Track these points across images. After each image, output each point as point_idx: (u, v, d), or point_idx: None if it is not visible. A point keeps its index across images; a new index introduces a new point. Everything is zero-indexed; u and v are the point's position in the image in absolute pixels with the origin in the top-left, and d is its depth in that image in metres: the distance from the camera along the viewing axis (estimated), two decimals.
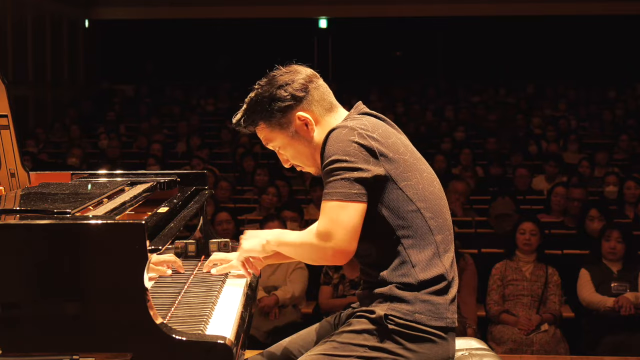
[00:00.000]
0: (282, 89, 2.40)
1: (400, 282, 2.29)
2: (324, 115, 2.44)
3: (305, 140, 2.43)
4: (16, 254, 2.01)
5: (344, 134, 2.29)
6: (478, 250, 6.03)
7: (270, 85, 2.42)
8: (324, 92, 2.45)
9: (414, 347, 2.28)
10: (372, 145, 2.27)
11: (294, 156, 2.48)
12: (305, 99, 2.41)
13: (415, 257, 2.30)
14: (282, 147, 2.47)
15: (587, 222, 6.34)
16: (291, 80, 2.41)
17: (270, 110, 2.41)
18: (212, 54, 16.60)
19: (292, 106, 2.40)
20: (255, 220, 6.76)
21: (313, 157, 2.45)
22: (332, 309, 5.10)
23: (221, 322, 2.30)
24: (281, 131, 2.43)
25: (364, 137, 2.28)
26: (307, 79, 2.43)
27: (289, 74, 2.43)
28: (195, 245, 3.11)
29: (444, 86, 14.81)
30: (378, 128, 2.34)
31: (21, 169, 3.06)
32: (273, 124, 2.43)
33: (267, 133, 2.45)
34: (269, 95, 2.41)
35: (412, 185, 2.31)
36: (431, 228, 2.33)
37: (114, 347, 2.01)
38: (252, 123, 2.46)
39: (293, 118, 2.41)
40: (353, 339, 2.31)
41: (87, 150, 10.74)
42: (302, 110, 2.41)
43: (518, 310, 5.30)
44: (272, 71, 2.47)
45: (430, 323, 2.29)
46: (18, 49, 12.87)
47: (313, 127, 2.42)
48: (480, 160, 9.90)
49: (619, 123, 11.99)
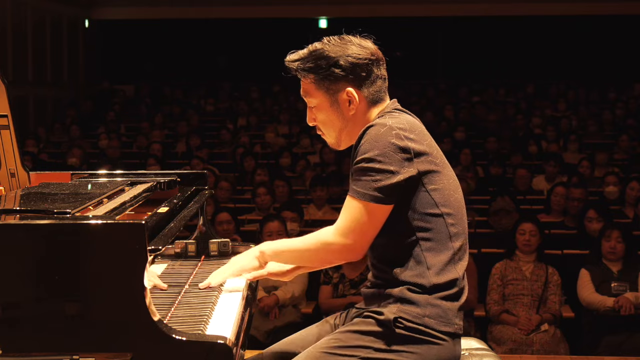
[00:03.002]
0: (349, 59, 2.35)
1: (413, 282, 2.29)
2: (369, 102, 2.40)
3: (341, 114, 2.40)
4: (16, 254, 2.01)
5: (382, 133, 2.27)
6: (478, 250, 6.03)
7: (340, 49, 2.36)
8: (382, 82, 2.41)
9: (419, 350, 2.28)
10: (408, 146, 2.26)
11: (323, 121, 2.44)
12: (363, 80, 2.37)
13: (432, 260, 2.30)
14: (317, 108, 2.43)
15: (586, 222, 6.34)
16: (360, 56, 2.36)
17: (327, 72, 2.36)
18: (212, 54, 16.59)
19: (348, 80, 2.36)
20: (255, 220, 6.76)
21: (340, 132, 2.43)
22: (332, 308, 5.10)
23: (221, 322, 2.30)
24: (325, 94, 2.39)
25: (401, 137, 2.26)
26: (374, 62, 2.39)
27: (361, 48, 2.38)
28: (195, 245, 3.10)
29: (444, 86, 14.80)
30: (415, 128, 2.32)
31: (21, 169, 3.06)
32: (321, 85, 2.38)
33: (311, 88, 2.41)
34: (333, 58, 2.35)
35: (439, 190, 2.31)
36: (451, 234, 2.32)
37: (114, 347, 2.01)
38: (304, 71, 2.40)
39: (343, 90, 2.37)
40: (358, 339, 2.31)
41: (87, 150, 10.74)
42: (354, 88, 2.37)
43: (518, 310, 5.30)
44: (348, 34, 2.41)
45: (439, 328, 2.29)
46: (18, 49, 12.87)
47: (354, 108, 2.38)
48: (480, 160, 9.89)
49: (619, 123, 11.98)
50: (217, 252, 3.07)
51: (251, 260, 2.50)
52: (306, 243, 2.40)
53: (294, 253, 2.45)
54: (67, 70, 14.79)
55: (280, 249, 2.46)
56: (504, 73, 15.35)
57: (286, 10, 15.26)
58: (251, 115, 13.00)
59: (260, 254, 2.48)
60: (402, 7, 14.97)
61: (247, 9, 15.26)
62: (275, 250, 2.46)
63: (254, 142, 11.54)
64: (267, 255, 2.48)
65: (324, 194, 7.35)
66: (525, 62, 15.67)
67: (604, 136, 11.68)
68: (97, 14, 15.79)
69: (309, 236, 2.41)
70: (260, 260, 2.49)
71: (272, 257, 2.49)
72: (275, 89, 14.44)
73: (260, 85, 14.49)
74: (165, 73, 16.06)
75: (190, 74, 16.07)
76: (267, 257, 2.48)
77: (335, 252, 2.33)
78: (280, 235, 5.35)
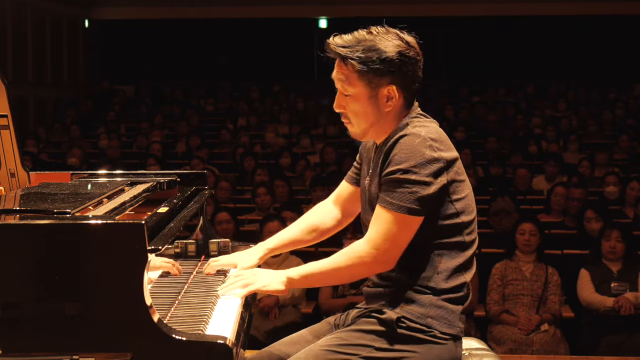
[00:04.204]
0: (399, 57, 2.30)
1: (421, 284, 2.29)
2: (407, 102, 2.36)
3: (377, 109, 2.34)
4: (16, 254, 2.01)
5: (417, 143, 2.24)
6: (478, 250, 6.01)
7: (391, 43, 2.30)
8: (420, 83, 2.37)
9: (421, 350, 2.28)
10: (441, 157, 2.26)
11: (356, 112, 2.36)
12: (407, 79, 2.33)
13: (443, 266, 2.30)
14: (352, 97, 2.34)
15: (585, 222, 6.34)
16: (410, 54, 2.31)
17: (374, 64, 2.29)
18: (212, 54, 16.58)
19: (394, 77, 2.31)
20: (255, 220, 6.76)
21: (371, 125, 2.37)
22: (332, 308, 5.10)
23: (221, 322, 2.30)
24: (366, 86, 2.31)
25: (434, 149, 2.25)
26: (418, 62, 2.34)
27: (413, 50, 2.33)
28: (195, 245, 3.10)
29: (444, 86, 14.80)
30: (443, 137, 2.31)
31: (21, 169, 3.06)
32: (365, 76, 2.30)
33: (353, 77, 2.32)
34: (385, 52, 2.29)
35: (462, 200, 2.31)
36: (466, 242, 2.34)
37: (114, 347, 2.01)
38: (348, 57, 2.30)
39: (385, 85, 2.32)
40: (360, 337, 2.31)
41: (87, 150, 10.74)
42: (397, 86, 2.32)
43: (518, 310, 5.30)
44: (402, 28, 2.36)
45: (442, 329, 2.29)
46: (18, 49, 12.87)
47: (392, 105, 2.34)
48: (480, 160, 9.89)
49: (619, 123, 11.98)
50: (217, 252, 3.06)
51: (277, 286, 2.38)
52: (337, 261, 2.34)
53: (324, 274, 2.37)
54: (67, 70, 14.79)
55: (309, 273, 2.38)
56: (504, 73, 15.34)
57: (286, 10, 15.26)
58: (251, 115, 13.00)
59: (287, 280, 2.38)
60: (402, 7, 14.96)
61: (247, 9, 15.25)
62: (304, 275, 2.38)
63: (254, 142, 11.54)
64: (295, 281, 2.39)
65: (324, 194, 7.34)
66: (525, 62, 15.66)
67: (604, 136, 11.67)
68: (97, 14, 15.78)
69: (338, 254, 2.35)
70: (287, 286, 2.39)
71: (300, 283, 2.42)
72: (275, 89, 14.44)
73: (260, 85, 14.49)
74: (165, 73, 16.05)
75: (190, 74, 16.07)
76: (295, 283, 2.40)
77: (369, 265, 2.30)
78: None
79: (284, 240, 2.72)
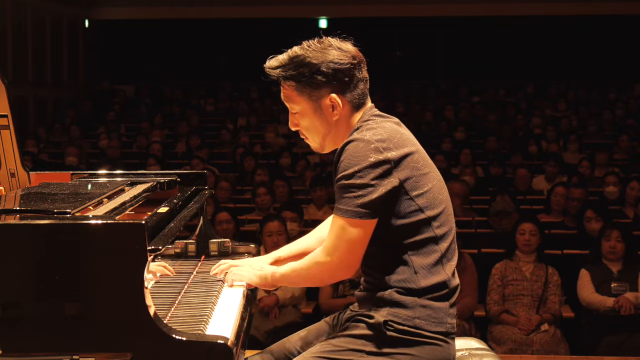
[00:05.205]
0: (331, 65, 2.32)
1: (401, 287, 2.29)
2: (353, 106, 2.37)
3: (325, 120, 2.38)
4: (16, 254, 2.01)
5: (360, 148, 2.25)
6: (478, 250, 6.02)
7: (321, 54, 2.32)
8: (364, 85, 2.38)
9: (412, 351, 2.28)
10: (387, 158, 2.24)
11: (307, 127, 2.42)
12: (346, 85, 2.35)
13: (419, 263, 2.29)
14: (299, 114, 2.40)
15: (585, 222, 6.34)
16: (342, 61, 2.32)
17: (309, 79, 2.33)
18: (212, 54, 16.59)
19: (331, 86, 2.34)
20: (255, 220, 6.76)
21: (324, 137, 2.41)
22: (332, 308, 5.09)
23: (221, 322, 2.30)
24: (307, 100, 2.36)
25: (379, 150, 2.24)
26: (355, 65, 2.35)
27: (342, 52, 2.34)
28: (195, 245, 3.10)
29: (444, 86, 14.81)
30: (394, 137, 2.30)
31: (21, 169, 3.06)
32: (304, 91, 2.35)
33: (293, 95, 2.38)
34: (315, 64, 2.32)
35: (423, 195, 2.30)
36: (437, 236, 2.32)
37: (114, 347, 2.01)
38: (284, 77, 2.37)
39: (326, 96, 2.35)
40: (350, 343, 2.31)
41: (87, 150, 10.74)
42: (337, 94, 2.34)
43: (518, 310, 5.30)
44: (327, 35, 2.37)
45: (430, 328, 2.29)
46: (18, 49, 12.87)
47: (338, 113, 2.36)
48: (480, 160, 9.90)
49: (619, 123, 11.98)
50: (217, 252, 3.07)
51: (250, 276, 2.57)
52: (303, 264, 2.41)
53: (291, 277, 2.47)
54: (67, 70, 14.79)
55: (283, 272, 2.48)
56: (504, 73, 15.35)
57: (286, 10, 15.26)
58: (251, 115, 13.00)
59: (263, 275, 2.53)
60: (402, 7, 14.96)
61: (247, 9, 15.26)
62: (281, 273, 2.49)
63: (254, 142, 11.54)
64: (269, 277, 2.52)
65: (324, 194, 7.34)
66: (525, 62, 15.66)
67: (604, 136, 11.68)
68: (97, 14, 15.79)
69: (304, 259, 2.43)
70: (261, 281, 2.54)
71: (275, 280, 2.52)
72: (275, 89, 14.39)
73: (260, 85, 14.47)
74: (165, 73, 16.06)
75: (190, 74, 16.07)
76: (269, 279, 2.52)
77: (328, 271, 2.34)
78: (280, 235, 5.35)
79: (295, 250, 2.76)
